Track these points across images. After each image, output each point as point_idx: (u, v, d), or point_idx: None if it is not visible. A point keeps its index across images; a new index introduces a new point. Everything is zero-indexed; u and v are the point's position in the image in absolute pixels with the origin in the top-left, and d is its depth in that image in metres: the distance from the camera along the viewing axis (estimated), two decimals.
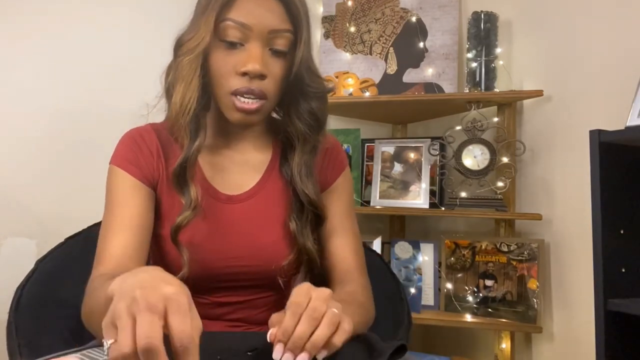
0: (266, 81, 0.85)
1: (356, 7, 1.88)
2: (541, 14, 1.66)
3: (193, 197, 0.85)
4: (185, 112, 0.84)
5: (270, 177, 0.96)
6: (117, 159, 0.91)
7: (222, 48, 0.84)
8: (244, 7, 0.83)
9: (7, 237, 1.47)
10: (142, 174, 0.89)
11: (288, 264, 0.91)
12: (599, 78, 1.46)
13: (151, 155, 0.91)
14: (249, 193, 0.94)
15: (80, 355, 0.70)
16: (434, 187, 1.77)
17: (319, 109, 0.91)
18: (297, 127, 0.91)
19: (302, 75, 0.87)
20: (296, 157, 0.92)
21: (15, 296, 0.97)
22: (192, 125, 0.85)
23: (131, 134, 0.93)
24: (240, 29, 0.83)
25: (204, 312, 0.92)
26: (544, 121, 1.62)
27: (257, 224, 0.92)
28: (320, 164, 0.96)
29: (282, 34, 0.84)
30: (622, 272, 1.14)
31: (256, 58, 0.82)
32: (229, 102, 0.85)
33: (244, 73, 0.83)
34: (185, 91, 0.84)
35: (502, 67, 1.67)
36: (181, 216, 0.84)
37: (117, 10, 1.65)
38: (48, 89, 1.54)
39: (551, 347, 1.56)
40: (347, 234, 0.97)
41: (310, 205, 0.91)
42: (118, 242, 0.85)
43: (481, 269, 1.60)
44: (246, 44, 0.84)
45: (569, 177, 1.53)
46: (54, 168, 1.54)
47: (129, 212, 0.87)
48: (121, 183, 0.89)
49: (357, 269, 0.95)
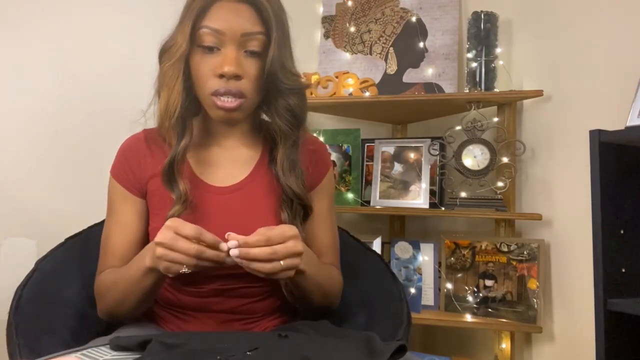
0: (243, 81, 0.91)
1: (356, 7, 1.88)
2: (541, 14, 1.66)
3: (182, 191, 0.92)
4: (171, 115, 0.91)
5: (260, 171, 1.01)
6: (112, 168, 1.02)
7: (200, 53, 0.92)
8: (217, 15, 0.90)
9: (7, 237, 1.47)
10: (130, 185, 0.99)
11: None
12: (599, 78, 1.46)
13: (138, 166, 0.99)
14: (239, 185, 0.99)
15: (80, 355, 0.70)
16: (434, 187, 1.77)
17: (297, 106, 0.97)
18: (277, 124, 0.97)
19: (275, 74, 0.93)
20: (280, 152, 0.98)
21: (15, 296, 0.98)
22: (178, 127, 0.93)
23: (124, 146, 1.02)
24: (215, 34, 0.90)
25: (196, 304, 0.96)
26: (544, 121, 1.62)
27: (248, 213, 0.98)
28: (307, 165, 1.01)
29: (254, 36, 0.91)
30: (622, 272, 1.14)
31: (230, 61, 0.90)
32: (210, 102, 0.93)
33: (221, 75, 0.90)
34: (169, 96, 0.92)
35: (502, 67, 1.67)
36: (172, 210, 0.91)
37: (118, 12, 1.66)
38: (48, 89, 1.54)
39: (551, 347, 1.56)
40: (326, 234, 1.06)
41: (296, 198, 0.97)
42: (118, 241, 0.98)
43: (481, 269, 1.60)
44: (222, 48, 0.91)
45: (569, 177, 1.53)
46: (54, 168, 1.54)
47: (124, 217, 0.99)
48: (115, 191, 1.00)
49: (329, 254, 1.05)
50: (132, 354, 0.72)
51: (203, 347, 0.72)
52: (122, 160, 1.00)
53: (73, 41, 1.58)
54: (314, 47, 1.92)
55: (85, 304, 1.03)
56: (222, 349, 0.66)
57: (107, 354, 0.72)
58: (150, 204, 0.99)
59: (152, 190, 0.99)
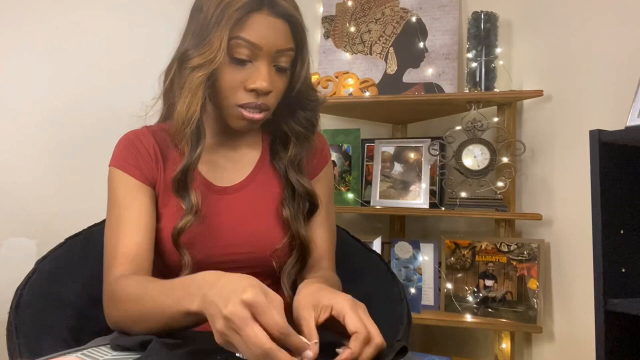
0: (270, 95, 0.91)
1: (356, 7, 1.88)
2: (541, 14, 1.66)
3: (194, 202, 0.89)
4: (191, 123, 0.88)
5: (262, 170, 1.02)
6: (117, 161, 0.95)
7: (229, 63, 0.89)
8: (254, 27, 0.87)
9: (7, 237, 1.47)
10: (143, 176, 0.94)
11: (282, 248, 0.96)
12: (599, 78, 1.46)
13: (149, 156, 0.95)
14: (242, 184, 0.99)
15: (80, 355, 0.70)
16: (434, 187, 1.77)
17: (314, 116, 1.00)
18: (293, 127, 0.99)
19: (303, 91, 0.96)
20: (291, 151, 0.99)
21: (16, 296, 0.97)
22: (195, 135, 0.90)
23: (129, 137, 0.97)
24: (250, 47, 0.87)
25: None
26: (544, 121, 1.62)
27: (251, 211, 0.97)
28: (307, 155, 1.02)
29: (286, 52, 0.90)
30: (622, 272, 1.14)
31: (264, 77, 0.88)
32: (235, 113, 0.91)
33: (252, 89, 0.89)
34: (190, 102, 0.87)
35: (502, 67, 1.67)
36: (183, 220, 0.89)
37: (118, 12, 1.66)
38: (48, 89, 1.54)
39: (551, 347, 1.56)
40: (324, 224, 1.04)
41: (306, 195, 0.98)
42: (131, 242, 0.89)
43: (481, 269, 1.60)
44: (254, 61, 0.89)
45: (569, 177, 1.53)
46: (54, 168, 1.54)
47: (137, 212, 0.91)
48: (124, 185, 0.93)
49: (328, 258, 1.04)
50: (132, 354, 0.72)
51: (203, 347, 0.71)
52: (131, 150, 0.95)
53: (73, 42, 1.58)
54: (314, 47, 1.92)
55: (85, 304, 1.03)
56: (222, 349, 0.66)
57: (108, 354, 0.72)
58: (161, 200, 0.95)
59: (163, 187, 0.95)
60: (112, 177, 0.94)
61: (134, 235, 0.89)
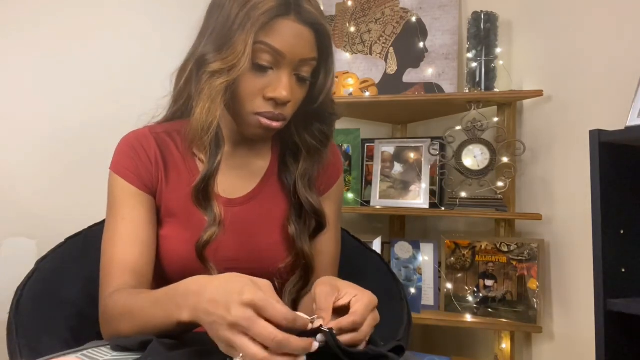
0: (288, 105, 0.86)
1: (356, 7, 1.88)
2: (541, 14, 1.66)
3: (217, 213, 0.86)
4: (210, 130, 0.83)
5: (269, 182, 0.97)
6: (117, 166, 0.91)
7: (250, 69, 0.83)
8: (280, 33, 0.82)
9: (7, 237, 1.47)
10: (142, 183, 0.90)
11: (285, 267, 0.92)
12: (599, 78, 1.46)
13: (149, 161, 0.92)
14: (248, 196, 0.95)
15: (80, 355, 0.70)
16: (434, 187, 1.77)
17: (329, 130, 0.95)
18: (306, 140, 0.93)
19: (325, 103, 0.91)
20: (302, 165, 0.94)
21: (16, 296, 0.97)
22: (214, 142, 0.85)
23: (129, 141, 0.93)
24: (274, 54, 0.83)
25: None
26: (544, 121, 1.62)
27: (256, 226, 0.93)
28: (318, 168, 0.97)
29: (309, 62, 0.86)
30: (622, 272, 1.14)
31: (285, 86, 0.84)
32: (252, 120, 0.87)
33: (271, 98, 0.84)
34: (210, 109, 0.83)
35: (502, 67, 1.67)
36: (207, 232, 0.85)
37: (122, 15, 1.66)
38: (48, 90, 1.54)
39: (551, 347, 1.56)
40: (330, 241, 1.00)
41: (314, 214, 0.93)
42: (129, 255, 0.86)
43: (481, 269, 1.60)
44: (275, 68, 0.84)
45: (569, 177, 1.53)
46: (54, 168, 1.53)
47: (136, 224, 0.88)
48: (122, 192, 0.90)
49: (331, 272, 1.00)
50: (132, 354, 0.72)
51: (203, 347, 0.71)
52: (130, 155, 0.91)
53: (74, 42, 1.58)
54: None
55: (85, 304, 1.02)
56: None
57: (108, 354, 0.72)
58: (164, 208, 0.92)
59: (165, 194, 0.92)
60: (111, 182, 0.92)
61: (133, 248, 0.86)
